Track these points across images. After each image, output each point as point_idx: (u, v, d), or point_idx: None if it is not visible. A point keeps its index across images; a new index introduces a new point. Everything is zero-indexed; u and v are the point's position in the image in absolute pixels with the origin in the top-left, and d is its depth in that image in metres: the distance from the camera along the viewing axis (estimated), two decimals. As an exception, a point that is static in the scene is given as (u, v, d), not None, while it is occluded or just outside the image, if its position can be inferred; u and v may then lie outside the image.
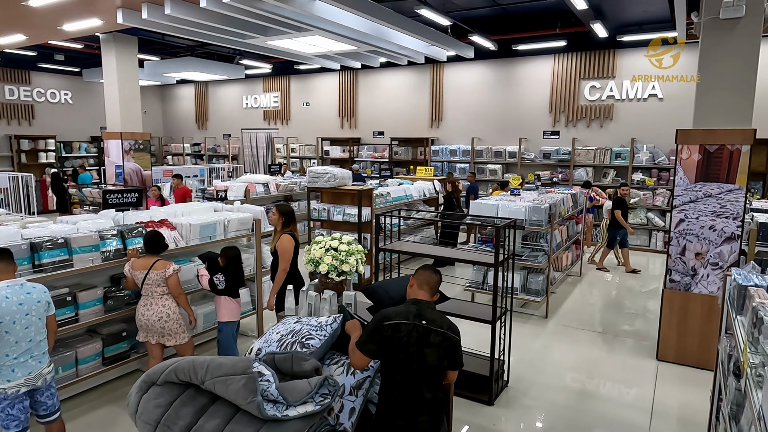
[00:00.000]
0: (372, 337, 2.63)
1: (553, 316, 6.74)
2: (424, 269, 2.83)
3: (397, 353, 2.59)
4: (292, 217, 4.78)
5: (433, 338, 2.59)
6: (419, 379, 2.60)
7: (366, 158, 14.50)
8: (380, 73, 14.12)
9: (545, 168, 11.94)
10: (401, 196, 8.83)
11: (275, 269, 4.70)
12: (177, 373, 2.72)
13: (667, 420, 4.29)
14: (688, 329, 5.23)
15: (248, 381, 2.61)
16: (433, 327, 2.61)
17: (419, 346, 2.58)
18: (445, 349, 2.62)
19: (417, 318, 2.61)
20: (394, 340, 2.58)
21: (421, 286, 2.77)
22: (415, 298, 2.73)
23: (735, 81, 4.83)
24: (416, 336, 2.58)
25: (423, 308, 2.67)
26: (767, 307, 2.57)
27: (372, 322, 2.69)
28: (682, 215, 5.18)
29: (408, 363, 2.59)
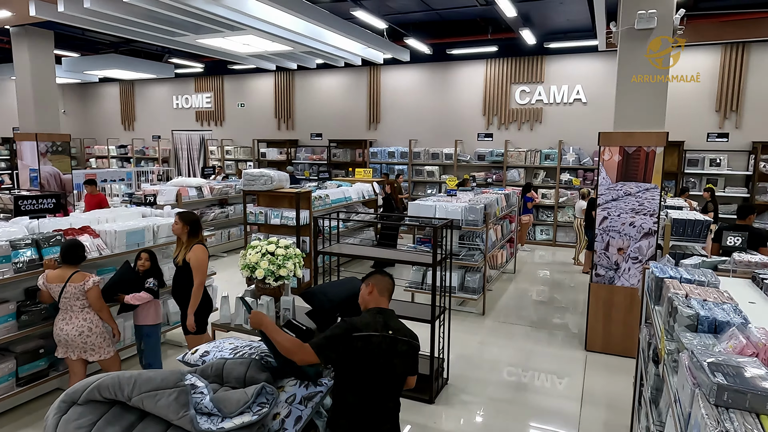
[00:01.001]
0: (335, 346, 2.46)
1: (490, 313, 6.94)
2: (381, 275, 2.73)
3: (365, 366, 2.49)
4: (198, 225, 4.31)
5: (401, 347, 2.54)
6: (385, 390, 2.54)
7: (304, 160, 14.32)
8: (317, 74, 14.00)
9: (480, 169, 12.30)
10: (340, 198, 8.79)
11: (184, 284, 4.17)
12: (100, 391, 2.54)
13: (596, 407, 4.53)
14: (613, 320, 5.55)
15: (180, 394, 2.49)
16: (399, 336, 2.55)
17: (388, 357, 2.51)
18: (410, 357, 2.60)
19: (385, 328, 2.54)
20: (365, 352, 2.46)
21: (382, 293, 2.68)
22: (378, 307, 2.63)
23: (649, 87, 5.19)
24: (386, 347, 2.50)
25: (388, 318, 2.60)
26: (681, 297, 2.77)
27: (337, 329, 2.51)
28: (605, 213, 5.50)
29: (376, 375, 2.51)
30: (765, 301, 3.09)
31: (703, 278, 3.17)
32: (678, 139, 10.35)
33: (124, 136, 17.55)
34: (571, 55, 11.36)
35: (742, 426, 1.56)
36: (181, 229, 4.22)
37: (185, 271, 4.13)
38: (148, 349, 4.38)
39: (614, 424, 4.23)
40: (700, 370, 1.81)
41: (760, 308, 2.95)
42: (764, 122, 10.09)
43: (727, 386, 1.66)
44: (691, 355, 1.94)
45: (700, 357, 1.87)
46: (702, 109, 10.51)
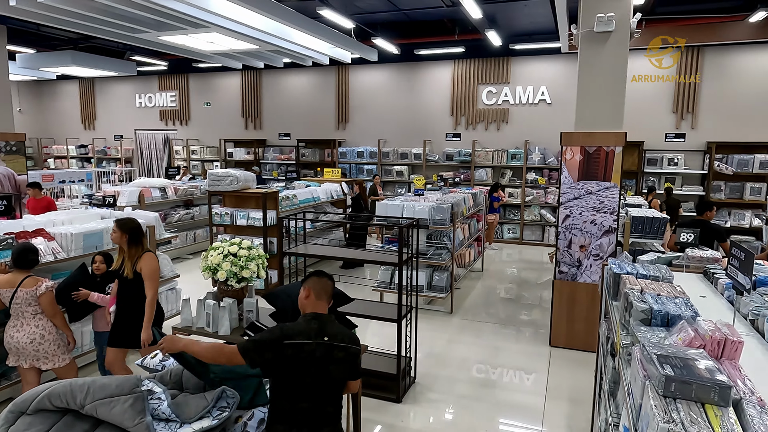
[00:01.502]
0: (262, 351, 2.39)
1: (457, 311, 7.00)
2: (317, 276, 2.63)
3: (298, 374, 2.42)
4: (139, 232, 3.89)
5: (337, 354, 2.48)
6: (321, 395, 2.48)
7: (272, 160, 14.15)
8: (285, 73, 13.86)
9: (448, 169, 12.41)
10: (308, 198, 8.72)
11: (135, 297, 3.82)
12: (51, 399, 2.45)
13: (559, 401, 4.62)
14: (576, 316, 5.68)
15: (135, 401, 2.42)
16: (336, 343, 2.48)
17: (323, 365, 2.44)
18: (348, 363, 2.53)
19: (319, 335, 2.45)
20: (296, 360, 2.40)
21: (320, 297, 2.57)
22: (314, 312, 2.54)
23: (608, 88, 5.33)
24: (319, 355, 2.43)
25: (325, 323, 2.51)
26: (636, 292, 2.85)
27: (267, 335, 2.45)
28: (567, 211, 5.62)
29: (311, 383, 2.44)
30: (715, 295, 3.22)
31: (657, 274, 3.27)
32: (638, 140, 10.68)
33: (84, 136, 16.98)
34: (536, 57, 11.58)
35: (688, 415, 1.61)
36: (119, 238, 3.82)
37: (137, 283, 3.79)
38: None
39: (577, 417, 4.33)
40: (650, 362, 1.86)
41: (709, 302, 3.06)
42: (718, 123, 10.51)
43: (674, 377, 1.71)
44: (642, 348, 1.99)
45: (651, 350, 1.92)
46: (660, 110, 10.87)
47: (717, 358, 2.04)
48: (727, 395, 1.66)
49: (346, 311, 3.94)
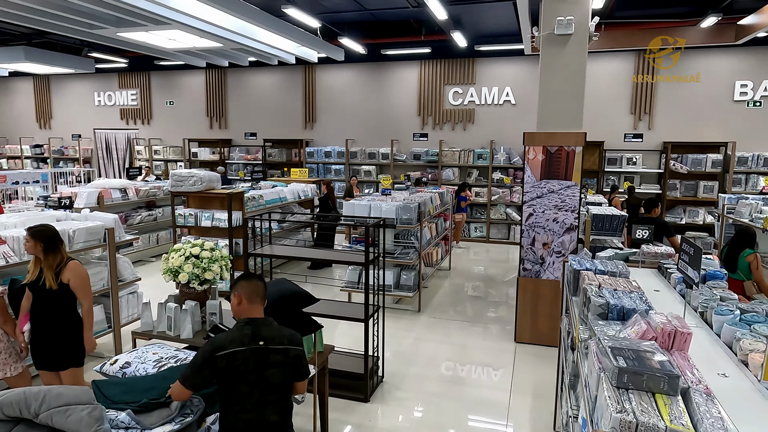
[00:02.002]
0: (200, 371, 2.38)
1: (425, 310, 7.06)
2: (245, 280, 2.55)
3: (235, 383, 2.38)
4: (56, 240, 3.54)
5: (274, 358, 2.42)
6: (264, 403, 2.43)
7: (238, 160, 13.94)
8: (250, 72, 13.66)
9: (416, 168, 12.49)
10: (275, 198, 8.63)
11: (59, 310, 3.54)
12: (3, 408, 2.35)
13: (524, 396, 4.72)
14: (540, 312, 5.81)
15: (93, 409, 2.35)
16: (272, 346, 2.42)
17: (260, 371, 2.39)
18: (289, 366, 2.48)
19: (253, 341, 2.40)
20: (230, 370, 2.36)
21: (252, 300, 2.50)
22: (247, 318, 2.48)
23: (568, 90, 5.48)
24: (254, 361, 2.38)
25: (259, 327, 2.45)
26: (594, 287, 2.94)
27: (200, 353, 2.42)
28: (530, 210, 5.75)
29: (250, 390, 2.40)
30: (668, 289, 3.35)
31: (615, 269, 3.38)
32: (598, 140, 11.00)
33: (39, 135, 16.32)
34: (501, 58, 11.78)
35: (639, 405, 1.68)
36: (33, 248, 3.47)
37: (62, 294, 3.50)
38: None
39: (540, 410, 4.43)
40: (605, 355, 1.93)
41: (663, 295, 3.19)
42: (673, 124, 10.93)
43: (627, 369, 1.78)
44: (598, 342, 2.06)
45: (605, 343, 1.99)
46: (619, 111, 11.23)
47: (668, 349, 2.13)
48: (676, 385, 1.74)
49: (313, 312, 3.92)
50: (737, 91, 10.55)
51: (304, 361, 2.56)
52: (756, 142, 10.46)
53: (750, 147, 10.47)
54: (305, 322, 3.41)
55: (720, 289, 2.99)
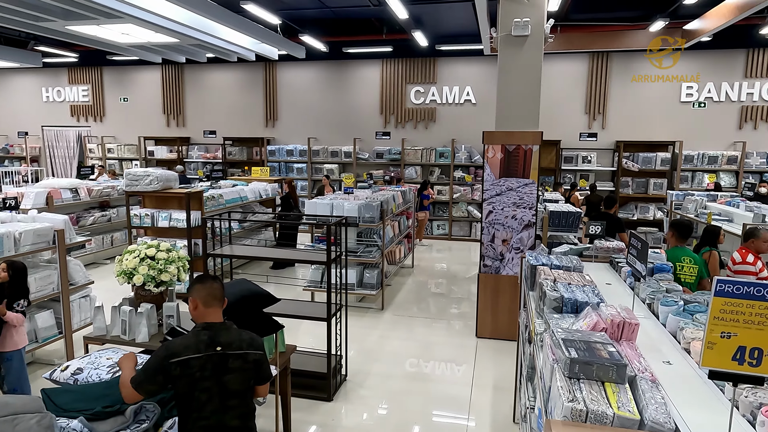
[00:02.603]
0: (153, 377, 2.30)
1: (389, 308, 7.10)
2: (200, 283, 2.46)
3: (191, 390, 2.32)
4: None
5: (233, 363, 2.35)
6: (223, 408, 2.37)
7: (197, 159, 13.61)
8: (209, 69, 13.36)
9: (379, 167, 12.52)
10: (235, 198, 8.47)
11: None
12: (-57, 421, 2.23)
13: (485, 389, 4.82)
14: (500, 307, 5.94)
15: (42, 418, 2.25)
16: (230, 351, 2.35)
17: (217, 377, 2.33)
18: (249, 370, 2.41)
19: (210, 347, 2.33)
20: (185, 377, 2.29)
21: (208, 304, 2.41)
22: (204, 323, 2.40)
23: (525, 90, 5.61)
24: (212, 367, 2.32)
25: (217, 332, 2.37)
26: (549, 282, 3.03)
27: (154, 358, 2.34)
28: (490, 207, 5.86)
29: (208, 397, 2.33)
30: (619, 282, 3.49)
31: (570, 264, 3.49)
32: (555, 138, 11.32)
33: (-19, 133, 15.45)
34: (461, 58, 11.94)
35: (589, 393, 1.74)
36: None
37: None
38: (12, 374, 3.90)
39: (500, 403, 4.53)
40: (558, 347, 1.99)
41: (614, 288, 3.32)
42: (625, 124, 11.36)
43: (578, 360, 1.85)
44: (552, 334, 2.13)
45: (558, 335, 2.06)
46: (574, 111, 11.58)
47: (617, 339, 2.22)
48: (623, 373, 1.82)
49: (275, 312, 3.88)
50: (683, 93, 11.06)
51: (265, 365, 2.50)
52: (701, 142, 11.00)
53: (696, 146, 11.00)
54: (266, 322, 3.37)
55: (666, 282, 3.13)
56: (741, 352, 1.57)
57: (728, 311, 1.56)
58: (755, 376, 1.60)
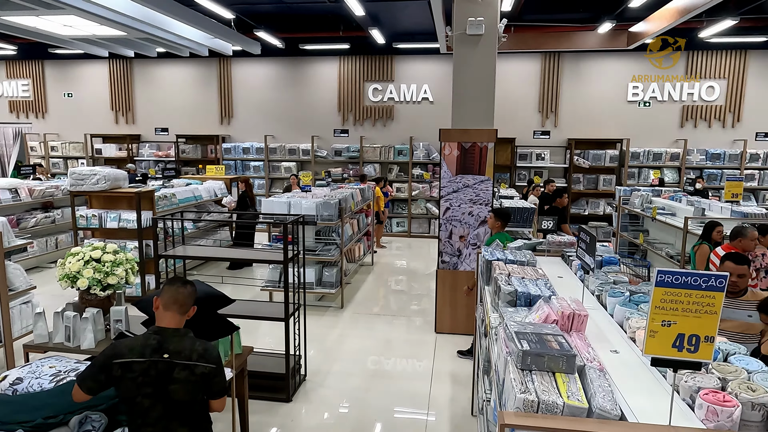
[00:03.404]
0: (96, 375, 2.24)
1: (348, 306, 7.07)
2: (169, 284, 2.40)
3: (132, 396, 2.23)
4: None
5: (178, 373, 2.23)
6: (170, 416, 2.28)
7: (148, 157, 13.13)
8: (160, 64, 12.90)
9: (337, 165, 12.46)
10: (189, 197, 8.23)
11: None
12: None
13: (443, 384, 4.88)
14: (458, 303, 6.02)
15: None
16: (177, 360, 2.24)
17: (161, 385, 2.23)
18: (196, 383, 2.27)
19: (157, 352, 2.23)
20: (127, 381, 2.21)
21: (168, 307, 2.33)
22: (158, 326, 2.32)
23: (479, 88, 5.71)
24: (155, 374, 2.22)
25: (167, 338, 2.28)
26: (504, 276, 3.09)
27: (100, 356, 2.29)
28: (447, 204, 5.93)
29: (151, 404, 2.24)
30: (570, 275, 3.61)
31: (523, 259, 3.57)
32: (510, 136, 11.58)
33: None
34: (418, 56, 12.02)
35: (540, 384, 1.79)
36: None
37: None
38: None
39: (459, 398, 4.60)
40: (511, 339, 2.03)
41: (565, 281, 3.42)
42: (576, 122, 11.74)
43: (530, 351, 1.89)
44: (505, 327, 2.17)
45: (511, 328, 2.10)
46: (528, 109, 11.88)
47: (567, 331, 2.29)
48: (573, 363, 1.87)
49: (231, 313, 3.79)
50: (630, 93, 11.53)
51: (217, 380, 2.34)
52: (647, 139, 11.51)
53: (642, 143, 11.50)
54: (221, 324, 3.29)
55: (613, 273, 3.26)
56: (680, 340, 1.65)
57: (668, 300, 1.63)
58: (693, 361, 1.68)
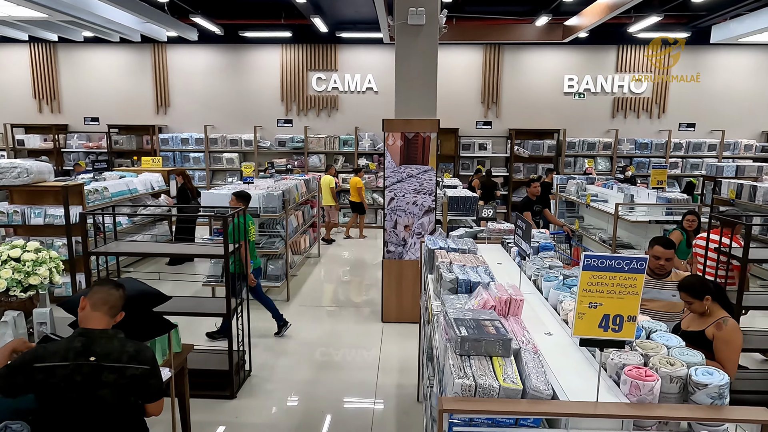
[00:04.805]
0: (12, 376, 2.10)
1: (295, 298, 6.99)
2: (98, 284, 2.30)
3: (54, 401, 2.11)
4: None
5: (107, 377, 2.12)
6: (97, 426, 2.17)
7: (77, 148, 12.36)
8: (87, 49, 12.13)
9: (281, 155, 12.23)
10: (123, 191, 7.83)
11: None
12: None
13: (390, 372, 4.93)
14: (404, 291, 6.09)
15: None
16: (105, 363, 2.12)
17: (87, 390, 2.11)
18: (127, 387, 2.16)
19: (82, 355, 2.11)
20: (49, 387, 2.08)
21: (97, 308, 2.22)
22: (83, 328, 2.19)
23: (422, 78, 5.75)
24: (81, 378, 2.10)
25: (94, 340, 2.15)
26: (446, 264, 3.14)
27: (20, 357, 2.17)
28: (392, 194, 5.96)
29: (76, 411, 2.12)
30: (509, 261, 3.72)
31: (465, 247, 3.64)
32: (454, 127, 11.77)
33: None
34: (362, 46, 11.95)
35: (478, 369, 1.83)
36: None
37: None
38: None
39: (405, 385, 4.66)
40: (450, 326, 2.07)
41: (504, 267, 3.53)
42: (517, 113, 12.10)
43: (467, 337, 1.93)
44: (445, 314, 2.21)
45: (451, 315, 2.14)
46: (470, 100, 12.11)
47: (504, 315, 2.36)
48: (509, 347, 1.93)
49: (171, 310, 3.65)
50: (566, 84, 12.00)
51: (152, 381, 2.25)
52: (581, 129, 12.03)
53: (577, 133, 12.02)
54: (157, 322, 3.16)
55: (549, 258, 3.39)
56: (606, 320, 1.74)
57: (594, 283, 1.72)
58: (618, 340, 1.77)
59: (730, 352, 2.87)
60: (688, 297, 3.02)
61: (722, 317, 2.96)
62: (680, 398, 1.81)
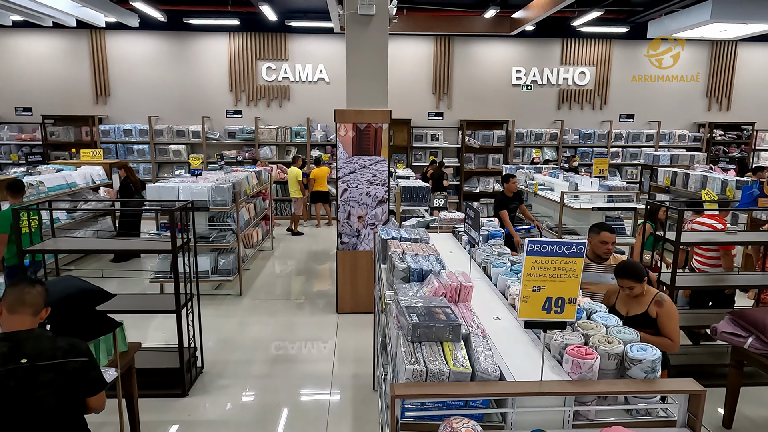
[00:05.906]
0: None
1: (248, 293, 6.88)
2: (11, 286, 2.17)
3: None
4: None
5: (44, 376, 2.03)
6: (36, 427, 2.07)
7: (9, 140, 11.60)
8: (16, 34, 11.35)
9: (231, 147, 11.94)
10: (61, 185, 7.43)
11: None
12: None
13: (346, 363, 4.95)
14: (358, 282, 6.11)
15: None
16: (40, 363, 2.04)
17: (24, 393, 2.01)
18: (67, 382, 2.09)
19: (11, 360, 2.01)
20: None
21: (13, 310, 2.09)
22: (6, 332, 2.08)
23: (373, 69, 5.74)
24: (16, 383, 2.00)
25: (21, 342, 2.05)
26: (398, 254, 3.18)
27: None
28: (345, 185, 5.95)
29: (14, 418, 2.02)
30: (460, 249, 3.81)
31: (417, 236, 3.70)
32: (406, 117, 11.84)
33: None
34: (313, 35, 11.79)
35: (429, 354, 1.88)
36: None
37: None
38: None
39: (361, 375, 4.70)
40: (401, 314, 2.11)
41: (455, 256, 3.61)
42: (467, 103, 12.30)
43: (418, 324, 1.97)
44: (397, 302, 2.24)
45: (402, 303, 2.17)
46: (422, 91, 12.21)
47: (455, 302, 2.42)
48: (458, 332, 1.99)
49: (116, 308, 3.51)
50: (514, 76, 12.29)
51: (93, 373, 2.18)
52: (529, 120, 12.39)
53: (525, 124, 12.36)
54: (100, 321, 3.04)
55: (498, 246, 3.49)
56: (548, 303, 1.82)
57: (537, 268, 1.79)
58: (560, 321, 1.86)
59: (674, 324, 3.04)
60: (632, 282, 3.09)
61: (656, 293, 3.13)
62: (617, 374, 1.92)
